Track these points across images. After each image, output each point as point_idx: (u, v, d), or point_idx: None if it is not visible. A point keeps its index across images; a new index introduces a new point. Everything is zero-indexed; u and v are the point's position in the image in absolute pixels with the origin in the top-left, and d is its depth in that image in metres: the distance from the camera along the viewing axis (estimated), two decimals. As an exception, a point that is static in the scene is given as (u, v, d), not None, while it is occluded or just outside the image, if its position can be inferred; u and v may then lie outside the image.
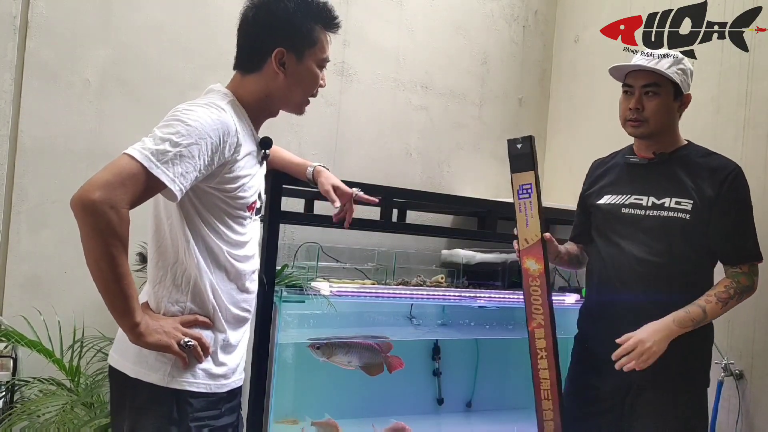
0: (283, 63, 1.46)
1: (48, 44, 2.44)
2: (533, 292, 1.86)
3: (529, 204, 1.85)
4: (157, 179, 1.24)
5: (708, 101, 2.73)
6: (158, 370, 1.35)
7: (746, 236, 1.88)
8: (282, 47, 1.45)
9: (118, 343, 1.43)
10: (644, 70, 1.89)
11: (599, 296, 2.00)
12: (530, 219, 1.85)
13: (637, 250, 1.90)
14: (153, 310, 1.41)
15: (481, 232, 2.98)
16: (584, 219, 2.12)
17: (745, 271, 1.86)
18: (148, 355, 1.36)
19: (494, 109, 3.44)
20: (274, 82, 1.47)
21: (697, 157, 1.92)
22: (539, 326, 1.86)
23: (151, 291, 1.43)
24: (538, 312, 1.86)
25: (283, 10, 1.45)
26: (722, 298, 1.82)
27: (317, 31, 1.48)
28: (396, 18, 3.15)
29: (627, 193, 1.97)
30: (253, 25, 1.48)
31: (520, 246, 1.90)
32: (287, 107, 1.54)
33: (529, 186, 1.84)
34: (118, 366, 1.41)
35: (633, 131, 1.94)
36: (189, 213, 1.38)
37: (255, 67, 1.47)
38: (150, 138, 1.28)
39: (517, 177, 1.86)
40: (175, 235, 1.39)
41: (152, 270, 1.43)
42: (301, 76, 1.48)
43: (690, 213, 1.85)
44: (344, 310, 2.56)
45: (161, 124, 1.32)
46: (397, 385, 2.99)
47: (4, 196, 2.39)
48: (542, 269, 1.85)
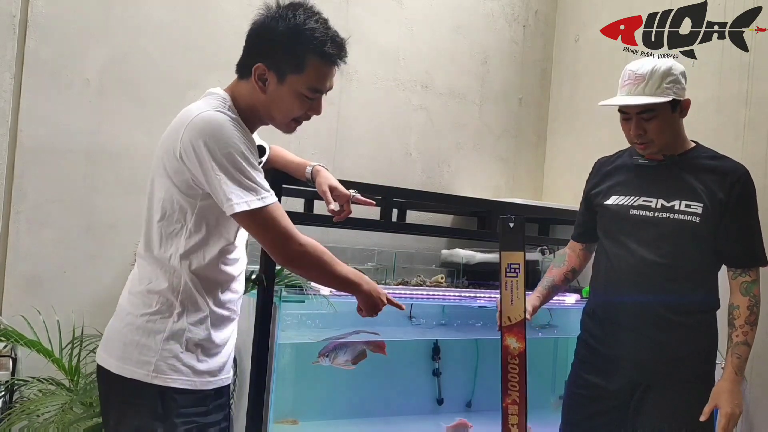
0: (264, 80, 1.45)
1: (48, 43, 2.44)
2: (511, 369, 1.89)
3: (516, 283, 1.88)
4: (270, 203, 1.38)
5: (708, 101, 2.73)
6: (143, 366, 1.36)
7: (754, 240, 1.89)
8: (263, 64, 1.44)
9: (105, 341, 1.45)
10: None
11: (605, 297, 2.00)
12: (516, 299, 1.89)
13: (645, 251, 1.90)
14: (136, 299, 1.43)
15: (481, 232, 2.98)
16: (589, 218, 2.11)
17: (754, 279, 1.87)
18: (132, 351, 1.38)
19: (494, 108, 3.43)
20: (256, 94, 1.47)
21: (706, 160, 1.91)
22: (513, 403, 1.90)
23: (140, 284, 1.44)
24: (514, 389, 1.89)
25: (272, 30, 1.44)
26: (753, 321, 1.84)
27: (309, 59, 1.43)
28: (396, 17, 3.15)
29: (636, 195, 1.96)
30: (249, 33, 1.49)
31: (503, 323, 1.92)
32: (271, 123, 1.53)
33: (517, 266, 1.88)
34: (104, 363, 1.42)
35: (643, 152, 1.94)
36: (185, 215, 1.41)
37: (244, 74, 1.48)
38: (231, 186, 1.34)
39: (506, 255, 1.89)
40: (169, 233, 1.41)
41: (145, 264, 1.45)
42: (281, 97, 1.46)
43: (700, 216, 1.85)
44: (344, 309, 2.55)
45: (217, 165, 1.34)
46: (397, 385, 2.99)
47: (3, 195, 2.39)
48: (522, 348, 1.88)
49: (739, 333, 1.83)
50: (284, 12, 1.44)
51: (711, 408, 1.81)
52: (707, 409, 1.82)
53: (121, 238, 2.55)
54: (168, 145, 1.41)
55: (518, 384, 1.88)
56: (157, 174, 1.44)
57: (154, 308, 1.40)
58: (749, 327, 1.83)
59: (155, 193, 1.45)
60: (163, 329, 1.39)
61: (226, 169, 1.34)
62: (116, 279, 2.55)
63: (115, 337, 1.41)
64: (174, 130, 1.41)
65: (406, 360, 3.04)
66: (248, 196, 1.35)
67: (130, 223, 2.58)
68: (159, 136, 1.48)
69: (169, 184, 1.40)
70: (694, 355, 1.89)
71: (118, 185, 2.56)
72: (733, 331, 1.84)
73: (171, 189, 1.40)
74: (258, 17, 1.48)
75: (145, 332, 1.39)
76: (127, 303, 1.45)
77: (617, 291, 1.95)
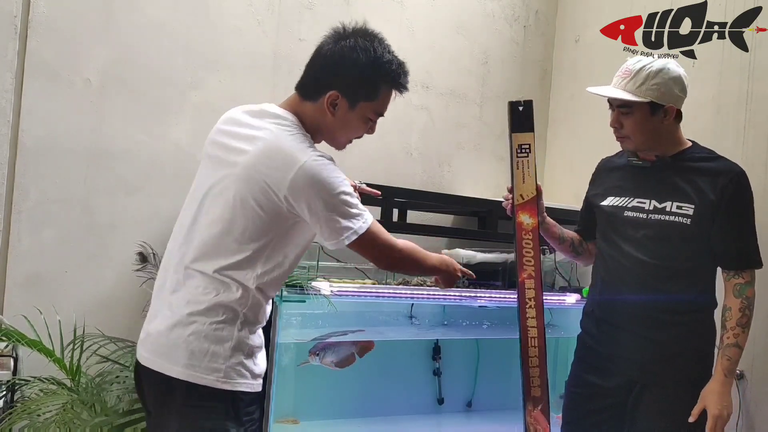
0: (335, 105, 1.51)
1: (49, 44, 2.44)
2: (525, 245, 1.97)
3: (527, 162, 1.97)
4: (371, 222, 1.50)
5: (708, 101, 2.73)
6: (212, 372, 1.42)
7: (748, 242, 1.88)
8: (338, 91, 1.50)
9: (161, 347, 1.45)
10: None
11: (602, 297, 2.01)
12: (527, 177, 1.97)
13: (638, 252, 1.91)
14: (200, 299, 1.46)
15: (481, 232, 2.98)
16: (588, 216, 2.12)
17: (747, 281, 1.86)
18: (201, 358, 1.42)
19: (495, 108, 3.44)
20: (323, 117, 1.53)
21: (700, 160, 1.91)
22: (530, 277, 1.97)
23: (205, 294, 1.46)
24: (529, 264, 1.97)
25: (354, 61, 1.50)
26: (744, 323, 1.84)
27: (383, 88, 1.54)
28: (397, 18, 3.15)
29: (630, 196, 1.97)
30: (323, 58, 1.53)
31: (515, 201, 2.00)
32: (328, 142, 1.60)
33: (527, 146, 1.97)
34: (165, 371, 1.44)
35: (622, 146, 1.99)
36: (268, 240, 1.47)
37: (311, 97, 1.53)
38: (342, 222, 1.46)
39: (516, 137, 1.98)
40: (247, 255, 1.46)
41: (207, 276, 1.46)
42: (349, 121, 1.55)
43: (691, 218, 1.85)
44: (345, 309, 2.56)
45: (329, 210, 1.44)
46: (398, 385, 2.99)
47: (4, 195, 2.39)
48: (535, 224, 1.98)
49: (730, 335, 1.84)
50: (362, 43, 1.51)
51: (699, 409, 1.82)
52: (695, 411, 1.82)
53: (121, 238, 2.55)
54: (260, 177, 1.43)
55: (533, 259, 1.96)
56: (231, 195, 1.45)
57: (221, 317, 1.44)
58: (740, 329, 1.83)
59: (220, 212, 1.46)
60: (231, 337, 1.45)
61: (337, 209, 1.44)
62: (117, 278, 2.56)
63: (180, 345, 1.43)
64: (273, 169, 1.43)
65: (407, 360, 3.04)
66: (356, 224, 1.46)
67: (130, 223, 2.58)
68: (159, 136, 1.51)
69: (254, 213, 1.44)
70: (690, 353, 1.89)
71: (118, 185, 2.57)
72: (725, 333, 1.85)
73: (256, 216, 1.44)
74: (331, 44, 1.53)
75: (214, 340, 1.43)
76: (188, 312, 1.45)
77: (613, 291, 1.97)
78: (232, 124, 1.55)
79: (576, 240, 2.15)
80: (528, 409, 1.97)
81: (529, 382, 1.96)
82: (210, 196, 1.50)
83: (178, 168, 2.63)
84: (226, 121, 1.58)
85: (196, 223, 1.50)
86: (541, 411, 1.94)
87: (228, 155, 1.49)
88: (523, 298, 1.97)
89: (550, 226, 2.09)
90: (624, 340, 1.93)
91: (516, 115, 1.98)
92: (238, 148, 1.48)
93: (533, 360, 1.95)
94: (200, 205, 1.51)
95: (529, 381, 1.96)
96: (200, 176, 1.57)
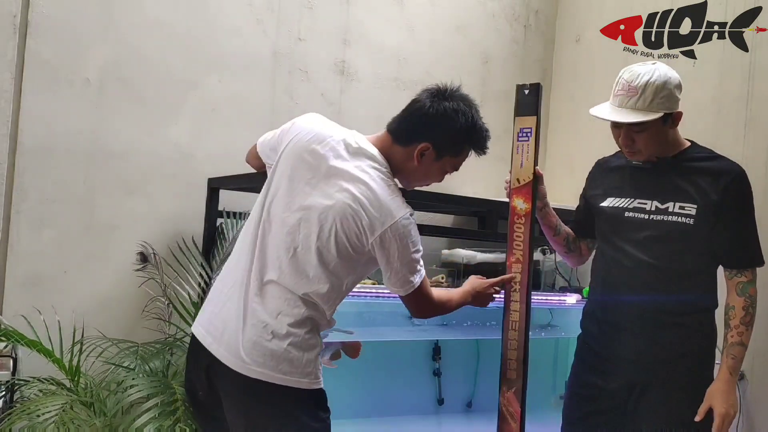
0: (423, 154, 1.66)
1: (48, 43, 2.44)
2: (517, 228, 1.97)
3: (527, 146, 1.97)
4: (424, 275, 1.70)
5: (708, 101, 2.73)
6: (307, 375, 1.60)
7: (750, 241, 1.88)
8: (430, 144, 1.65)
9: (261, 357, 1.58)
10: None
11: (603, 298, 2.01)
12: (525, 161, 1.97)
13: (640, 253, 1.90)
14: (276, 302, 1.61)
15: (481, 232, 2.98)
16: (584, 215, 2.12)
17: (750, 279, 1.86)
18: (299, 365, 1.59)
19: (495, 108, 3.42)
20: (409, 162, 1.67)
21: (701, 160, 1.91)
22: (518, 261, 1.97)
23: (296, 308, 1.61)
24: (518, 248, 1.96)
25: (454, 123, 1.66)
26: (748, 321, 1.84)
27: (467, 149, 1.73)
28: (397, 17, 3.15)
29: (631, 197, 1.96)
30: (425, 115, 1.67)
31: (512, 185, 2.00)
32: (402, 182, 1.74)
33: (529, 130, 1.97)
34: (261, 377, 1.57)
35: (631, 159, 1.95)
36: (353, 273, 1.67)
37: (404, 142, 1.67)
38: (409, 276, 1.65)
39: (519, 120, 1.98)
40: (334, 282, 1.64)
41: (296, 295, 1.61)
42: (431, 170, 1.71)
43: (694, 218, 1.85)
44: (344, 309, 2.55)
45: (403, 264, 1.63)
46: (398, 385, 2.99)
47: (4, 195, 2.39)
48: (529, 209, 1.96)
49: (734, 333, 1.84)
50: (463, 108, 1.67)
51: (705, 408, 1.82)
52: (702, 410, 1.82)
53: (121, 238, 2.55)
54: (358, 220, 1.58)
55: (523, 243, 1.96)
56: (328, 228, 1.58)
57: (308, 328, 1.62)
58: (744, 327, 1.83)
59: (316, 241, 1.59)
60: (316, 345, 1.63)
61: (410, 265, 1.64)
62: (117, 278, 2.56)
63: (280, 355, 1.57)
64: (371, 217, 1.58)
65: (407, 360, 3.04)
66: (416, 277, 1.66)
67: (130, 223, 2.58)
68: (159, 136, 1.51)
69: (346, 251, 1.60)
70: (692, 354, 1.89)
71: (118, 185, 2.56)
72: (729, 332, 1.85)
73: (347, 254, 1.60)
74: (436, 102, 1.66)
75: (307, 348, 1.60)
76: (285, 323, 1.59)
77: (614, 292, 1.96)
78: (329, 149, 1.64)
79: (570, 236, 2.15)
80: (502, 390, 1.98)
81: (506, 364, 1.98)
82: (305, 221, 1.60)
83: (178, 168, 2.63)
84: (321, 141, 1.65)
85: (292, 237, 1.61)
86: (514, 393, 1.95)
87: (326, 186, 1.60)
88: (509, 284, 1.99)
89: (549, 215, 2.09)
90: (625, 341, 1.92)
91: (521, 97, 1.99)
92: (338, 184, 1.60)
93: (512, 343, 1.97)
94: (297, 223, 1.61)
95: (506, 363, 1.98)
96: (292, 182, 1.64)
